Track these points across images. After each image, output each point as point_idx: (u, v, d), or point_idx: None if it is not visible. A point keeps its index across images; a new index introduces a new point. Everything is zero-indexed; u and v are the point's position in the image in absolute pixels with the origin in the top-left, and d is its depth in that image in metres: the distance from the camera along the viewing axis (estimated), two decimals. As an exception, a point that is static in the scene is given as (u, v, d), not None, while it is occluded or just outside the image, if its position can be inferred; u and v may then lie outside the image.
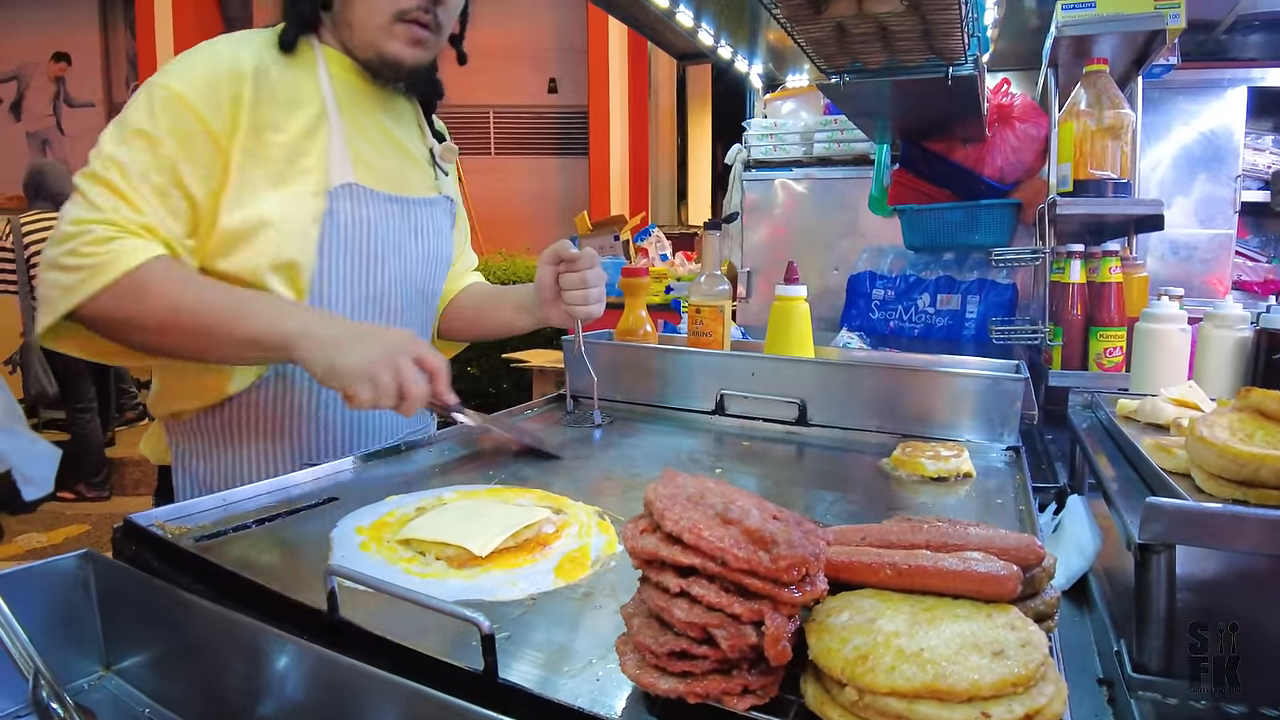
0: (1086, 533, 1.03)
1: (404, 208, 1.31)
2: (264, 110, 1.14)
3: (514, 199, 7.99)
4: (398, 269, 1.30)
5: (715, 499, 0.59)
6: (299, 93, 1.19)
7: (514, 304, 1.47)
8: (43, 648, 0.67)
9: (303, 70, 1.21)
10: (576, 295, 1.32)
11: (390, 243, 1.28)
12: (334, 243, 1.21)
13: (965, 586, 0.58)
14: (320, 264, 1.20)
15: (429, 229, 1.36)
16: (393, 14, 1.19)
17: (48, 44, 7.89)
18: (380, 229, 1.26)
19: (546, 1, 7.68)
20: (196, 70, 1.11)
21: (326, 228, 1.19)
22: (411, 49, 1.22)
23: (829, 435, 1.38)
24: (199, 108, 1.10)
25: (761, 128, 3.21)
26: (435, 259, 1.40)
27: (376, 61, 1.24)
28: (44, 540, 4.26)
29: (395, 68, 1.24)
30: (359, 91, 1.27)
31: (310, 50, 1.23)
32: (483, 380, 5.32)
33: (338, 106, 1.22)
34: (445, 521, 0.87)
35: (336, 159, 1.20)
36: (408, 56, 1.23)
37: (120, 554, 0.86)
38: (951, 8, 1.47)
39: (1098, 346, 1.75)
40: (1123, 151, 1.78)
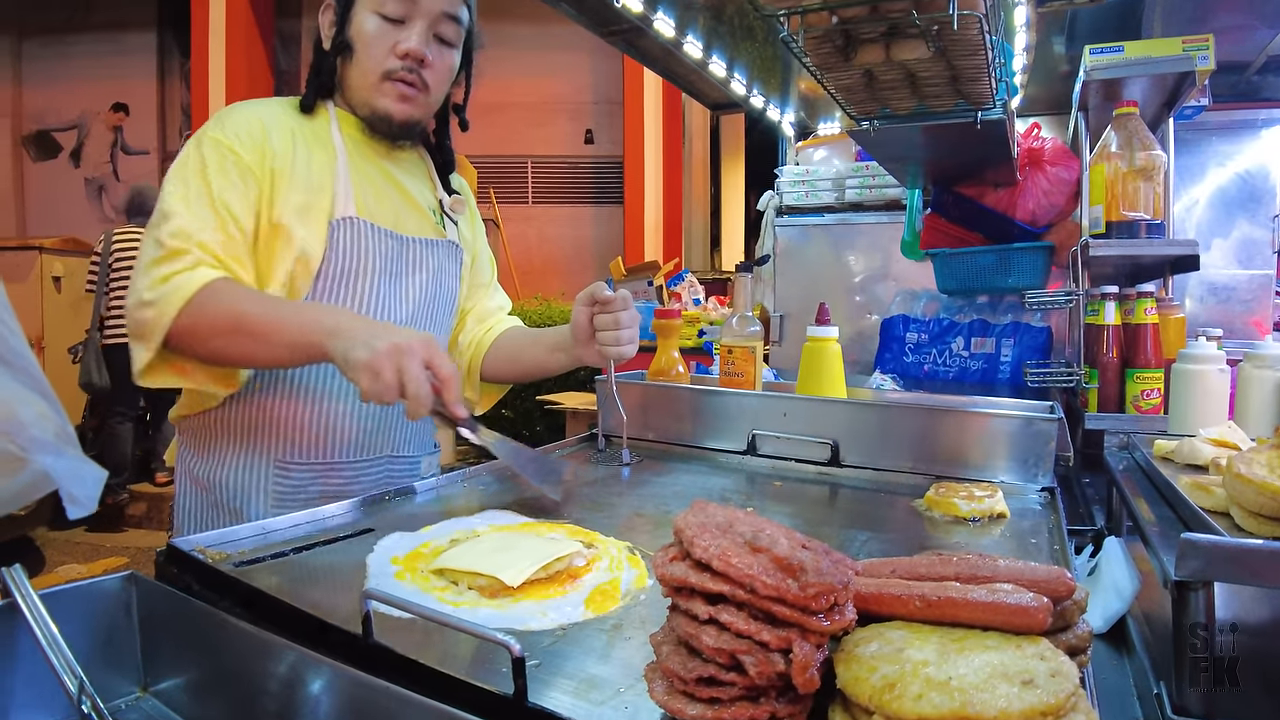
0: (1124, 574, 1.01)
1: (403, 245, 1.40)
2: (285, 147, 1.31)
3: (550, 246, 8.12)
4: (393, 300, 1.39)
5: (744, 527, 0.59)
6: (316, 141, 1.36)
7: (549, 345, 1.52)
8: (84, 665, 0.69)
9: (319, 125, 1.38)
10: (609, 336, 1.37)
11: (387, 274, 1.38)
12: (331, 266, 1.32)
13: (995, 618, 0.57)
14: (315, 289, 1.31)
15: (428, 266, 1.44)
16: (381, 74, 1.34)
17: (108, 95, 8.25)
18: (375, 259, 1.36)
19: (584, 56, 7.88)
20: (231, 121, 1.31)
21: (327, 254, 1.31)
22: (400, 104, 1.36)
23: (862, 476, 1.38)
24: (237, 147, 1.27)
25: (794, 174, 3.25)
26: (435, 295, 1.47)
27: (372, 117, 1.38)
28: (83, 571, 4.33)
29: (387, 122, 1.37)
30: (364, 144, 1.41)
31: (325, 110, 1.40)
32: (517, 422, 5.36)
33: (346, 153, 1.37)
34: (478, 553, 0.88)
35: (342, 195, 1.33)
36: (396, 111, 1.36)
37: (162, 576, 0.89)
38: (978, 54, 1.49)
39: (1134, 389, 1.72)
40: (1155, 193, 1.78)
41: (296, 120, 1.37)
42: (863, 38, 1.46)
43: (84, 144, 8.49)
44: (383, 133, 1.40)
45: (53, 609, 0.72)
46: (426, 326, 1.45)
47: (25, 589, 0.73)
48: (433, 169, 1.54)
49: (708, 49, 2.58)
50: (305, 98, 1.39)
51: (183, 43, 8.01)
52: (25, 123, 8.40)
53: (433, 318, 1.47)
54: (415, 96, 1.37)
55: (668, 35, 2.40)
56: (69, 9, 8.18)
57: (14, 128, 8.37)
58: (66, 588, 0.79)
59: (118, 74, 8.18)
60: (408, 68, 1.34)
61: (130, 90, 8.27)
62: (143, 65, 8.26)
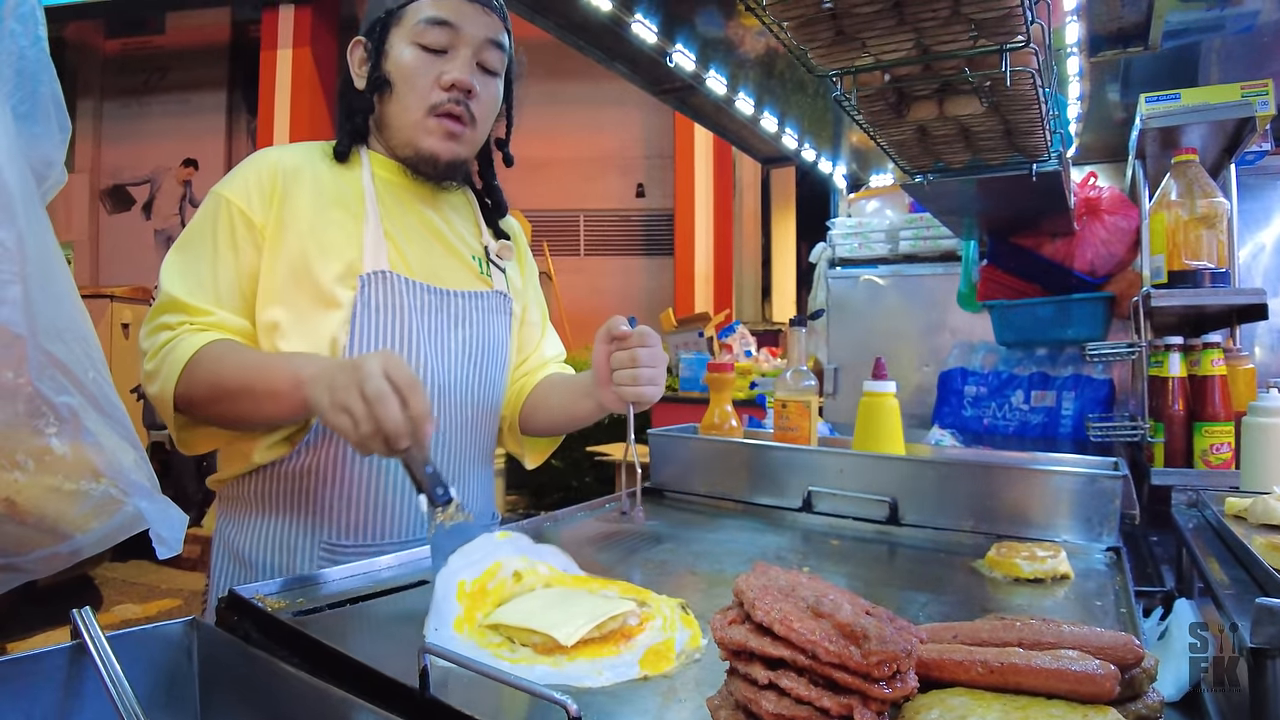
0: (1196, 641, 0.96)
1: (441, 298, 1.30)
2: (297, 202, 1.23)
3: (601, 297, 8.20)
4: (434, 357, 1.28)
5: (807, 592, 0.58)
6: (343, 193, 1.27)
7: (577, 390, 1.41)
8: (145, 707, 0.71)
9: (350, 174, 1.30)
10: (626, 375, 1.23)
11: (425, 329, 1.27)
12: (365, 327, 1.22)
13: (1060, 685, 0.55)
14: (351, 344, 1.22)
15: (472, 321, 1.34)
16: (426, 109, 1.25)
17: (179, 151, 8.66)
18: (413, 316, 1.26)
19: (635, 111, 8.03)
20: (240, 175, 1.25)
21: (358, 312, 1.22)
22: (446, 143, 1.27)
23: (921, 535, 1.34)
24: (241, 204, 1.21)
25: (846, 226, 3.25)
26: (481, 351, 1.36)
27: (415, 158, 1.29)
28: (138, 612, 4.41)
29: (432, 163, 1.28)
30: (402, 189, 1.32)
31: (358, 156, 1.32)
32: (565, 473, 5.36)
33: (377, 202, 1.28)
34: (533, 609, 0.87)
35: (370, 248, 1.24)
36: (443, 151, 1.27)
37: (222, 623, 0.90)
38: (1032, 107, 1.49)
39: (1203, 443, 1.66)
40: (1219, 240, 1.74)
41: (326, 167, 1.29)
42: (916, 95, 1.47)
43: (155, 197, 8.89)
44: (426, 174, 1.30)
45: (117, 651, 0.73)
46: (474, 385, 1.35)
47: (94, 631, 0.75)
48: (479, 212, 1.45)
49: (759, 105, 2.62)
50: (339, 143, 1.30)
51: (250, 101, 8.41)
52: (103, 178, 8.84)
53: (481, 375, 1.36)
54: (462, 133, 1.28)
55: (720, 92, 2.44)
56: (146, 72, 8.67)
57: (93, 182, 8.81)
58: (131, 631, 0.81)
59: (189, 131, 8.59)
60: (455, 99, 1.25)
61: (200, 146, 8.66)
62: (212, 122, 8.66)
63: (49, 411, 0.62)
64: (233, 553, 1.29)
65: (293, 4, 7.80)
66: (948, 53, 1.26)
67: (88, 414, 0.65)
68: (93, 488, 0.66)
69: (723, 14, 2.08)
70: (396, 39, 1.26)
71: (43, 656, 0.75)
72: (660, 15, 2.06)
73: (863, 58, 1.29)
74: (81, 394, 0.65)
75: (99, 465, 0.66)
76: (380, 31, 1.27)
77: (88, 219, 8.79)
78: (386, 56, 1.27)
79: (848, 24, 1.19)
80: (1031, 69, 1.31)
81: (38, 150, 0.71)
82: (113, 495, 0.66)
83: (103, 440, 0.66)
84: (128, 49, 8.72)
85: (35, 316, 0.62)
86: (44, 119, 0.75)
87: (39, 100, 0.74)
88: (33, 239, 0.63)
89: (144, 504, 0.67)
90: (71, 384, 0.65)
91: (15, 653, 2.53)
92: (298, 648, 0.82)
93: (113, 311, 6.38)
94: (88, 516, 0.67)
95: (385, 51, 1.27)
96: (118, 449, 0.66)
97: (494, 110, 1.34)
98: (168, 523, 0.68)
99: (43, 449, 0.62)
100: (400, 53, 1.25)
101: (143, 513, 0.67)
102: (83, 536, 0.67)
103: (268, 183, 1.23)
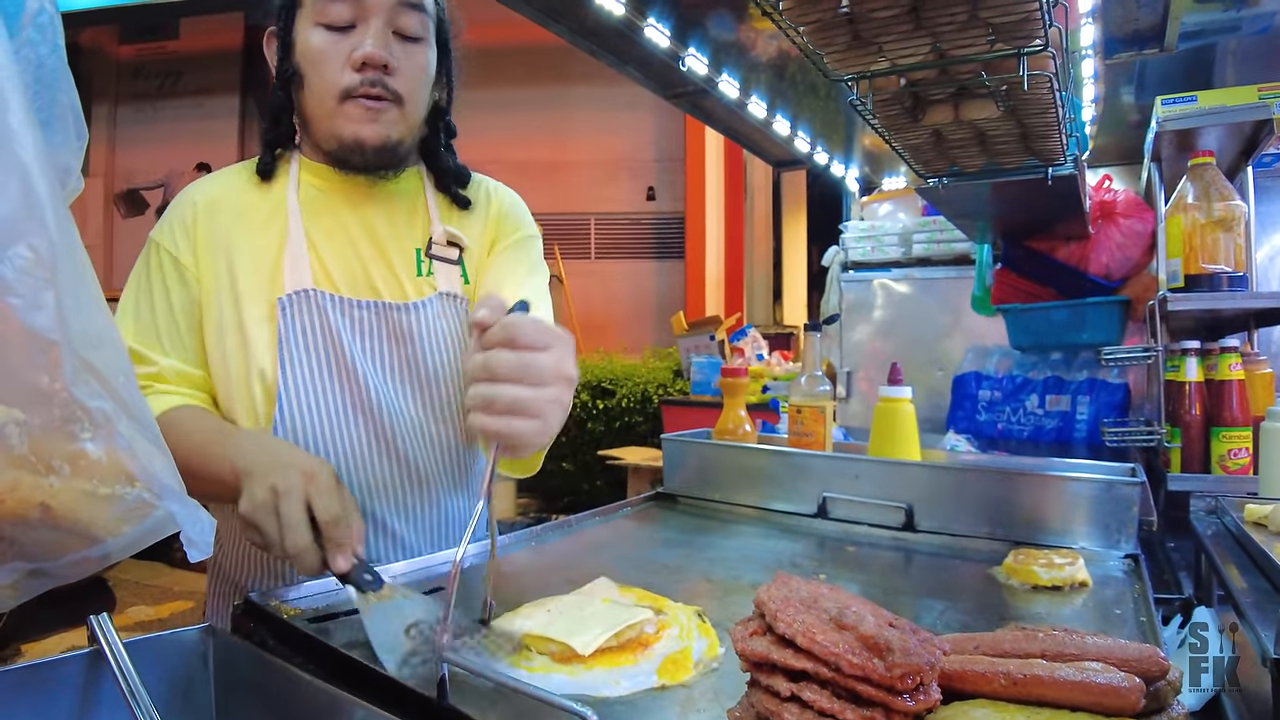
0: (1217, 648, 0.95)
1: (377, 313, 1.17)
2: (214, 237, 1.16)
3: (612, 300, 8.22)
4: (378, 379, 1.16)
5: (829, 604, 0.58)
6: (265, 213, 1.18)
7: None
8: (162, 713, 0.71)
9: (274, 190, 1.20)
10: (476, 395, 0.80)
11: (362, 349, 1.15)
12: (294, 355, 1.12)
13: (1084, 698, 0.55)
14: (283, 374, 1.12)
15: (415, 334, 1.18)
16: (338, 94, 1.11)
17: (192, 155, 8.70)
18: (346, 336, 1.14)
19: (645, 115, 8.05)
20: (167, 218, 1.19)
21: (284, 339, 1.12)
22: (369, 125, 1.12)
23: (937, 541, 1.33)
24: (170, 247, 1.16)
25: (859, 230, 3.24)
26: (430, 366, 1.19)
27: (340, 150, 1.14)
28: (151, 614, 4.44)
29: (359, 150, 1.13)
30: (333, 193, 1.20)
31: (287, 167, 1.21)
32: (576, 477, 5.36)
33: (301, 216, 1.17)
34: (549, 618, 0.87)
35: (290, 267, 1.14)
36: (368, 135, 1.12)
37: (237, 629, 0.90)
38: (1048, 111, 1.48)
39: (1220, 448, 1.65)
40: (1236, 244, 1.73)
41: (250, 189, 1.19)
42: (931, 99, 1.47)
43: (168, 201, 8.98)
44: (358, 166, 1.16)
45: (134, 657, 0.74)
46: (430, 404, 1.20)
47: (111, 637, 0.75)
48: (430, 195, 1.27)
49: (771, 108, 2.62)
50: (261, 158, 1.20)
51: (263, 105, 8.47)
52: (117, 182, 8.91)
53: (435, 392, 1.20)
54: (385, 110, 1.12)
55: (732, 96, 2.44)
56: (160, 77, 8.75)
57: (107, 187, 8.88)
58: (147, 638, 0.81)
59: (202, 135, 8.64)
60: (369, 80, 1.10)
61: (213, 150, 8.72)
62: (225, 127, 8.72)
63: (84, 416, 0.63)
64: (226, 577, 1.23)
65: (306, 8, 7.87)
66: (964, 57, 1.25)
67: (120, 419, 0.66)
68: (127, 492, 0.67)
69: (735, 17, 2.08)
70: (301, 22, 1.13)
71: (60, 663, 0.75)
72: (673, 19, 2.06)
73: (879, 62, 1.28)
74: (114, 399, 0.66)
75: (133, 469, 0.66)
76: (285, 19, 1.15)
77: (102, 223, 8.86)
78: (294, 45, 1.14)
79: (864, 29, 1.18)
80: (1049, 73, 1.30)
81: (57, 158, 0.72)
82: (145, 499, 0.67)
83: (135, 445, 0.66)
84: (142, 54, 8.80)
85: (68, 322, 0.62)
86: (62, 127, 0.75)
87: (58, 108, 0.75)
88: (63, 247, 0.64)
89: (175, 507, 0.67)
90: (104, 389, 0.65)
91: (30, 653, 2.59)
92: (314, 654, 0.82)
93: (126, 315, 6.43)
94: (120, 520, 0.68)
95: (292, 40, 1.14)
96: (148, 453, 0.67)
97: (424, 80, 1.17)
98: (198, 526, 0.69)
99: (78, 453, 0.63)
100: (306, 37, 1.12)
101: (174, 516, 0.67)
102: (113, 540, 0.68)
103: (190, 222, 1.16)
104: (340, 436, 1.15)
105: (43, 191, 0.62)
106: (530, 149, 7.85)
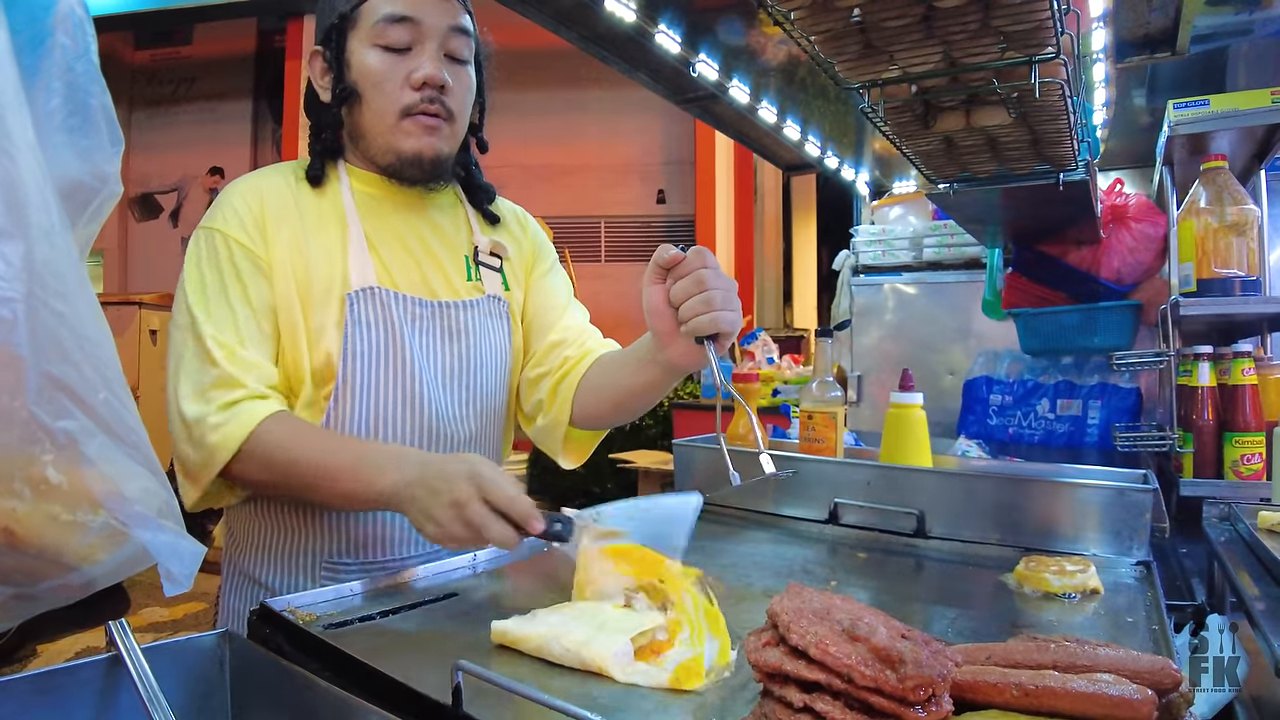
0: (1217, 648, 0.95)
1: (433, 310, 1.25)
2: (281, 229, 1.20)
3: (623, 303, 8.17)
4: (430, 372, 1.24)
5: (841, 615, 0.58)
6: (323, 214, 1.23)
7: (635, 358, 1.26)
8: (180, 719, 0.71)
9: (328, 194, 1.25)
10: (695, 303, 1.04)
11: (419, 345, 1.23)
12: (358, 346, 1.19)
13: (1096, 710, 0.55)
14: (344, 366, 1.18)
15: (467, 331, 1.28)
16: (399, 112, 1.19)
17: (206, 159, 8.79)
18: (405, 331, 1.21)
19: (655, 118, 8.05)
20: (229, 205, 1.19)
21: (349, 332, 1.18)
22: (427, 138, 1.21)
23: (948, 548, 1.33)
24: (242, 239, 1.17)
25: (869, 234, 3.24)
26: (478, 362, 1.30)
27: (398, 163, 1.22)
28: (165, 615, 4.46)
29: (418, 164, 1.21)
30: (384, 201, 1.26)
31: (335, 174, 1.27)
32: (586, 479, 5.36)
33: (359, 218, 1.23)
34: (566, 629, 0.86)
35: (356, 266, 1.20)
36: (425, 148, 1.21)
37: (254, 635, 0.91)
38: (1060, 117, 1.47)
39: (1233, 453, 1.65)
40: (1249, 248, 1.72)
41: (304, 190, 1.24)
42: (943, 106, 1.46)
43: (183, 205, 9.03)
44: (413, 178, 1.24)
45: (151, 662, 0.74)
46: (473, 398, 1.30)
47: (129, 643, 0.76)
48: (468, 207, 1.37)
49: (782, 113, 2.62)
50: (312, 166, 1.25)
51: (275, 109, 8.53)
52: (131, 186, 8.97)
53: (479, 387, 1.31)
54: (441, 128, 1.21)
55: (742, 101, 2.45)
56: (174, 82, 8.83)
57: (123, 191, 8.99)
58: (164, 643, 0.82)
59: (215, 140, 8.72)
60: (428, 98, 1.19)
61: (226, 154, 8.78)
62: (238, 131, 8.78)
63: (45, 437, 0.59)
64: (241, 571, 1.28)
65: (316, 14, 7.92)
66: (976, 65, 1.25)
67: (91, 439, 0.61)
68: (91, 519, 0.64)
69: (744, 23, 2.08)
70: (356, 44, 1.20)
71: (79, 668, 0.76)
72: (684, 26, 2.06)
73: (890, 71, 1.28)
74: (90, 417, 0.61)
75: (99, 494, 0.62)
76: (337, 38, 1.21)
77: (116, 227, 8.92)
78: (349, 65, 1.21)
79: (876, 37, 1.19)
80: (1060, 80, 1.30)
81: (89, 163, 0.71)
82: (113, 527, 0.64)
83: (105, 467, 0.62)
84: (156, 60, 8.89)
85: (40, 336, 0.58)
86: (94, 132, 0.74)
87: (89, 113, 0.75)
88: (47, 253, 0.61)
89: (148, 536, 0.64)
90: (78, 407, 0.61)
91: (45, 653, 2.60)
92: (329, 661, 0.83)
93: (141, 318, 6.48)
94: (94, 548, 0.65)
95: (346, 60, 1.21)
96: (125, 476, 0.63)
97: (470, 99, 1.28)
98: (177, 557, 0.66)
99: (39, 477, 0.60)
100: (363, 58, 1.19)
101: (148, 546, 0.65)
102: (91, 568, 0.65)
103: (257, 214, 1.19)
104: (387, 428, 1.21)
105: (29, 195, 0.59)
106: (541, 153, 7.86)
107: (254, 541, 1.26)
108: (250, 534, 1.27)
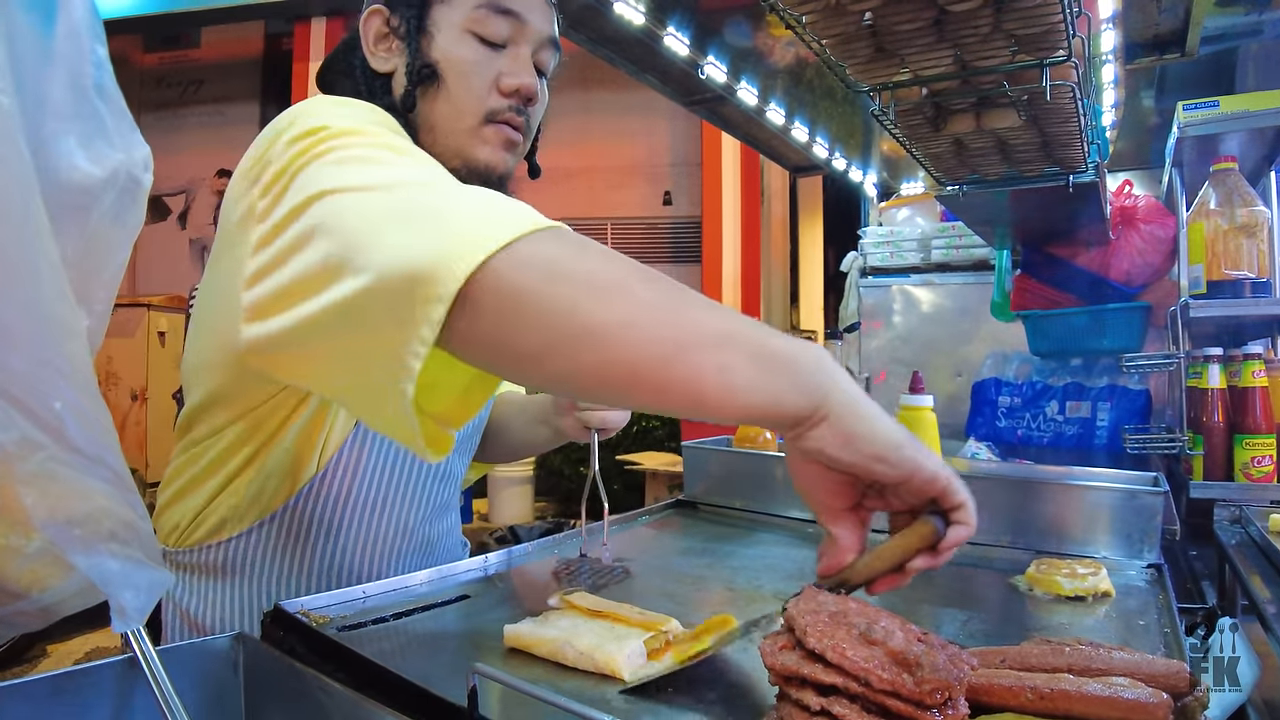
0: (1242, 659, 0.95)
1: None
2: None
3: (628, 304, 8.22)
4: None
5: (857, 618, 0.58)
6: None
7: (532, 413, 1.22)
8: (191, 721, 0.72)
9: None
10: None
11: None
12: None
13: (1111, 713, 0.55)
14: None
15: None
16: (483, 115, 1.02)
17: (213, 161, 8.84)
18: None
19: (662, 120, 8.06)
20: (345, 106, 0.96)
21: None
22: (502, 153, 1.04)
23: (958, 550, 1.32)
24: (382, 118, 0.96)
25: (877, 235, 3.24)
26: None
27: (464, 170, 1.03)
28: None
29: (484, 177, 1.03)
30: None
31: None
32: (593, 481, 5.36)
33: None
34: (578, 632, 0.86)
35: None
36: (498, 163, 1.04)
37: (267, 637, 0.91)
38: (1070, 120, 1.47)
39: (1244, 455, 1.64)
40: (1259, 250, 1.72)
41: None
42: (953, 109, 1.46)
43: (191, 207, 9.09)
44: None
45: (166, 664, 0.75)
46: None
47: (145, 645, 0.76)
48: None
49: (790, 115, 2.62)
50: None
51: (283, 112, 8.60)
52: (140, 189, 9.05)
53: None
54: (519, 144, 1.06)
55: (750, 103, 2.45)
56: (182, 85, 8.89)
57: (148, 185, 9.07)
58: (178, 645, 0.83)
59: (223, 142, 8.77)
60: (515, 106, 1.03)
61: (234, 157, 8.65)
62: (246, 133, 8.75)
63: None
64: (185, 617, 1.08)
65: (324, 17, 7.95)
66: (987, 68, 1.25)
67: (35, 453, 0.55)
68: (23, 544, 0.56)
69: (752, 25, 2.09)
70: (445, 21, 1.01)
71: (95, 670, 0.76)
72: (692, 28, 2.06)
73: (901, 73, 1.29)
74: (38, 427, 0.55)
75: (33, 517, 0.56)
76: (420, 5, 1.02)
77: (125, 229, 8.98)
78: (431, 40, 1.01)
79: (887, 40, 1.19)
80: (1071, 82, 1.30)
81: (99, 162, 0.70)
82: (51, 552, 0.57)
83: (49, 485, 0.56)
84: (164, 63, 8.95)
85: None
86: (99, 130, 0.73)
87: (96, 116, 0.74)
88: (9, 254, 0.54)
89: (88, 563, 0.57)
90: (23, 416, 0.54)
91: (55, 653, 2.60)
92: (343, 663, 0.83)
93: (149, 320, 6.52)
94: (37, 575, 0.58)
95: (428, 32, 1.01)
96: (74, 495, 0.57)
97: (541, 116, 1.13)
98: (130, 588, 0.58)
99: None
100: (454, 41, 1.01)
101: (89, 574, 0.57)
102: (42, 595, 0.59)
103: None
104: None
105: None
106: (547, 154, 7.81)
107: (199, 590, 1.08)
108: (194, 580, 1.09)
